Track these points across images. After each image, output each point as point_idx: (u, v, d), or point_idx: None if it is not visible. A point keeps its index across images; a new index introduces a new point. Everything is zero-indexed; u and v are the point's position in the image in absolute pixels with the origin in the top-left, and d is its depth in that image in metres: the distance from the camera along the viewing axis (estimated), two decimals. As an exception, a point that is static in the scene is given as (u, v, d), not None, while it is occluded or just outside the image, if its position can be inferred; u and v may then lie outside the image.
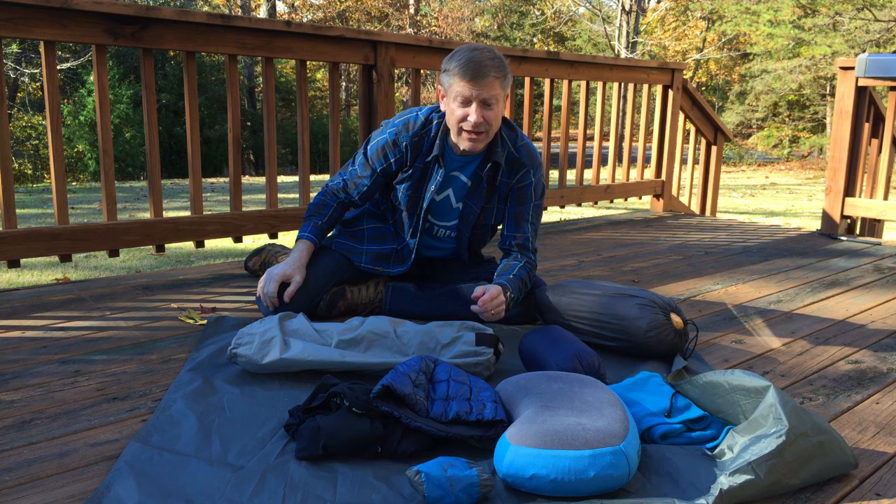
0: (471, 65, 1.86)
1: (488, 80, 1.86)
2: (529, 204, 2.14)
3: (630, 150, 4.44)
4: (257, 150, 18.05)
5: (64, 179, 2.48)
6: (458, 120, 1.92)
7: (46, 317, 2.15)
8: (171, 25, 2.58)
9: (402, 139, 2.05)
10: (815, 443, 1.26)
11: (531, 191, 2.12)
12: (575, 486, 1.18)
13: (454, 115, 1.92)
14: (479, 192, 2.11)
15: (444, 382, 1.49)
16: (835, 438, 1.29)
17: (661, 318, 1.84)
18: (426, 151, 2.06)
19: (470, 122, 1.90)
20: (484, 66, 1.86)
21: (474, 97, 1.88)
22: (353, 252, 2.20)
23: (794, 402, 1.30)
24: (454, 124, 1.94)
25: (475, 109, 1.88)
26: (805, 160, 17.90)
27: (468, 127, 1.91)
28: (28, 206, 6.99)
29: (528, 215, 2.14)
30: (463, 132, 1.94)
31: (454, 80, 1.89)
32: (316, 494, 1.20)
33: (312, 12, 22.84)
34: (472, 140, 1.94)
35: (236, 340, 1.69)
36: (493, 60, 1.88)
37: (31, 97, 15.98)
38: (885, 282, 2.85)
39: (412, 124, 2.06)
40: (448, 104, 1.94)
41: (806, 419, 1.28)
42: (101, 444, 1.37)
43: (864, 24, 13.35)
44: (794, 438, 1.24)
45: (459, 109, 1.91)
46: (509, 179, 2.10)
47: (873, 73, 3.87)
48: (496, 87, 1.88)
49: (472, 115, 1.89)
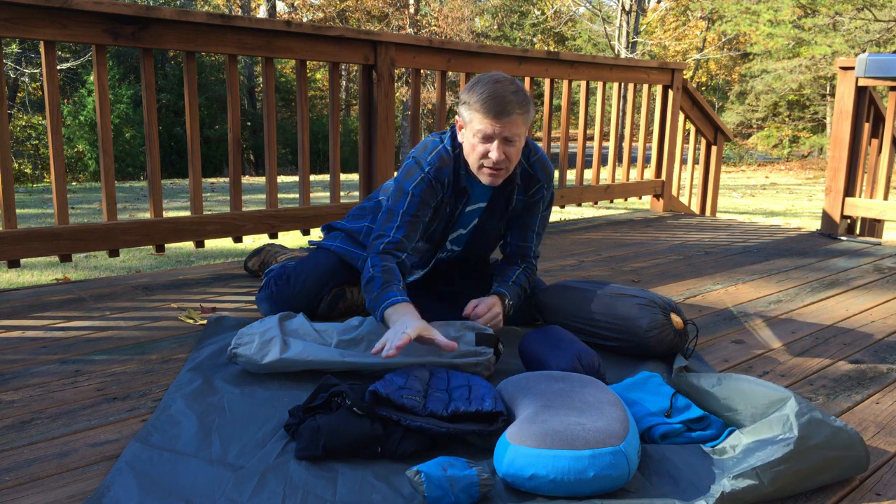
0: (493, 101, 1.76)
1: (511, 117, 1.77)
2: (538, 215, 2.09)
3: (630, 150, 4.44)
4: (257, 150, 18.05)
5: (64, 179, 2.48)
6: (478, 156, 1.84)
7: (46, 317, 2.15)
8: (171, 25, 2.58)
9: (443, 175, 1.91)
10: (830, 457, 1.24)
11: (541, 203, 2.08)
12: (574, 486, 1.18)
13: (475, 150, 1.84)
14: (495, 210, 2.05)
15: (443, 381, 1.49)
16: (855, 455, 1.26)
17: (661, 318, 1.84)
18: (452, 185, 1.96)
19: (491, 160, 1.82)
20: (507, 103, 1.76)
21: (496, 135, 1.79)
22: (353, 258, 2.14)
23: (815, 415, 1.27)
24: (475, 160, 1.85)
25: (497, 147, 1.80)
26: (805, 160, 17.90)
27: (489, 164, 1.83)
28: (28, 206, 6.99)
29: (535, 225, 2.10)
30: (484, 168, 1.85)
31: (475, 116, 1.79)
32: (316, 494, 1.20)
33: (312, 12, 22.84)
34: (492, 176, 1.86)
35: (236, 340, 1.69)
36: (516, 95, 1.79)
37: (31, 97, 15.98)
38: (885, 282, 2.85)
39: (447, 158, 1.91)
40: (468, 138, 1.85)
41: (823, 431, 1.25)
42: (101, 444, 1.37)
43: (864, 24, 13.35)
44: (804, 449, 1.22)
45: (480, 146, 1.82)
46: (525, 196, 2.04)
47: (873, 73, 3.87)
48: (519, 124, 1.80)
49: (493, 152, 1.80)
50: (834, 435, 1.25)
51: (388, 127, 3.23)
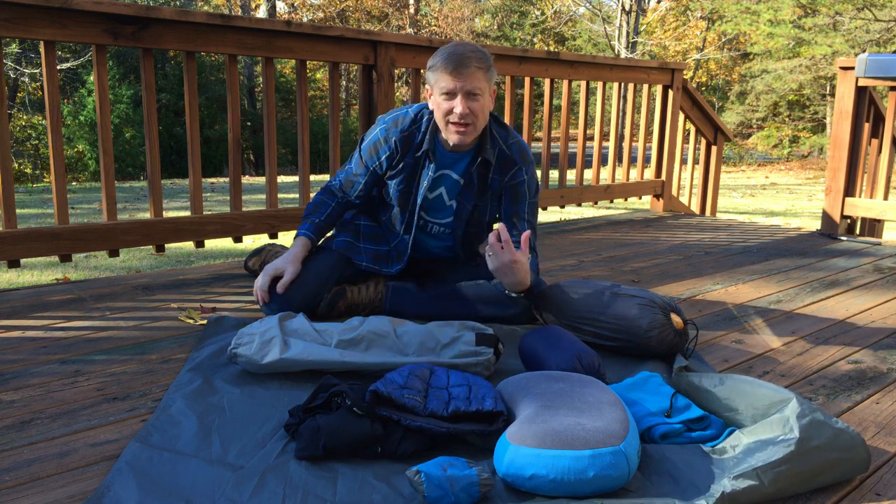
0: (453, 57, 1.90)
1: (470, 69, 1.90)
2: (524, 202, 2.15)
3: (630, 150, 4.44)
4: (257, 150, 18.05)
5: (64, 179, 2.48)
6: (444, 113, 1.95)
7: (46, 317, 2.15)
8: (171, 25, 2.58)
9: (391, 135, 2.09)
10: (831, 458, 1.24)
11: (524, 188, 2.14)
12: (574, 486, 1.18)
13: (440, 108, 1.96)
14: (470, 189, 2.12)
15: (443, 380, 1.49)
16: (857, 457, 1.26)
17: (661, 318, 1.84)
18: (416, 147, 2.09)
19: (456, 114, 1.93)
20: (466, 58, 1.90)
21: (458, 89, 1.91)
22: (353, 251, 2.20)
23: (817, 416, 1.26)
24: (441, 118, 1.97)
25: (460, 101, 1.92)
26: (805, 160, 17.90)
27: (454, 119, 1.94)
28: (28, 206, 6.99)
29: (525, 213, 2.15)
30: (450, 125, 1.97)
31: (438, 75, 1.93)
32: (316, 494, 1.20)
33: (312, 12, 22.84)
34: (459, 133, 1.97)
35: (236, 340, 1.69)
36: (475, 52, 1.92)
37: (31, 97, 15.98)
38: (885, 282, 2.85)
39: (401, 120, 2.09)
40: (435, 99, 1.98)
41: (825, 433, 1.24)
42: (101, 444, 1.37)
43: (865, 24, 13.35)
44: (805, 450, 1.22)
45: (445, 103, 1.94)
46: (501, 177, 2.12)
47: (873, 73, 3.87)
48: (479, 77, 1.92)
49: (457, 106, 1.92)
50: (835, 436, 1.25)
51: (388, 127, 3.23)
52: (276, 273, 2.04)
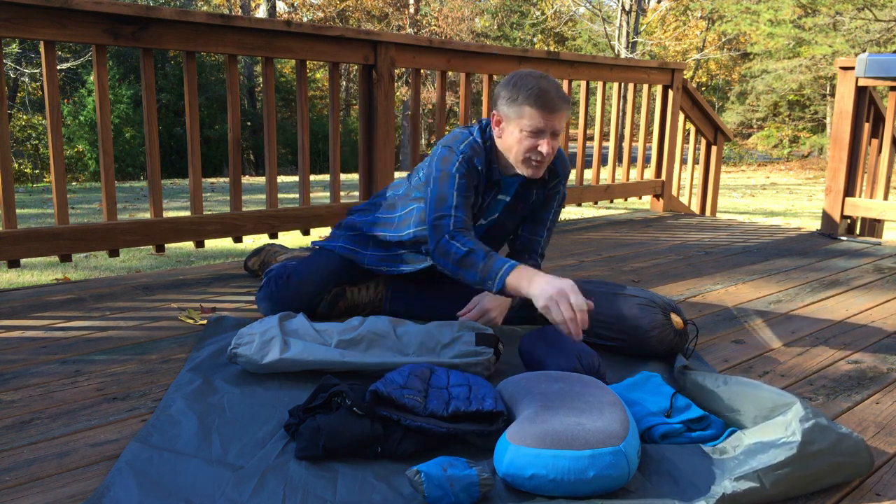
0: (544, 97, 1.82)
1: (562, 112, 1.85)
2: (551, 210, 2.14)
3: (630, 150, 4.44)
4: (257, 150, 18.06)
5: (64, 179, 2.48)
6: (525, 150, 1.87)
7: (46, 317, 2.15)
8: (171, 25, 2.58)
9: (476, 163, 1.94)
10: (834, 463, 1.23)
11: (558, 198, 2.13)
12: (574, 486, 1.18)
13: (521, 144, 1.87)
14: (516, 207, 2.09)
15: (443, 380, 1.49)
16: (860, 462, 1.26)
17: (661, 318, 1.84)
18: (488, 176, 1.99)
19: (541, 154, 1.86)
20: (557, 99, 1.83)
21: (547, 128, 1.84)
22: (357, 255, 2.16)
23: (821, 421, 1.26)
24: (520, 153, 1.88)
25: (546, 141, 1.85)
26: (805, 160, 17.90)
27: (538, 157, 1.88)
28: (28, 206, 6.99)
29: (548, 220, 2.15)
30: (529, 161, 1.89)
31: (524, 111, 1.83)
32: (316, 494, 1.20)
33: (312, 12, 22.84)
34: (536, 169, 1.91)
35: (236, 340, 1.69)
36: (561, 91, 1.87)
37: (31, 97, 15.98)
38: (885, 282, 2.85)
39: (478, 149, 1.94)
40: (512, 132, 1.88)
41: (828, 437, 1.24)
42: (101, 444, 1.37)
43: (865, 24, 13.35)
44: (807, 454, 1.21)
45: (528, 140, 1.86)
46: (544, 189, 2.09)
47: (873, 72, 3.87)
48: (564, 118, 1.88)
49: (543, 146, 1.85)
50: (839, 441, 1.24)
51: (388, 127, 3.23)
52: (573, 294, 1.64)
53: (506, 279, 1.70)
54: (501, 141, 1.92)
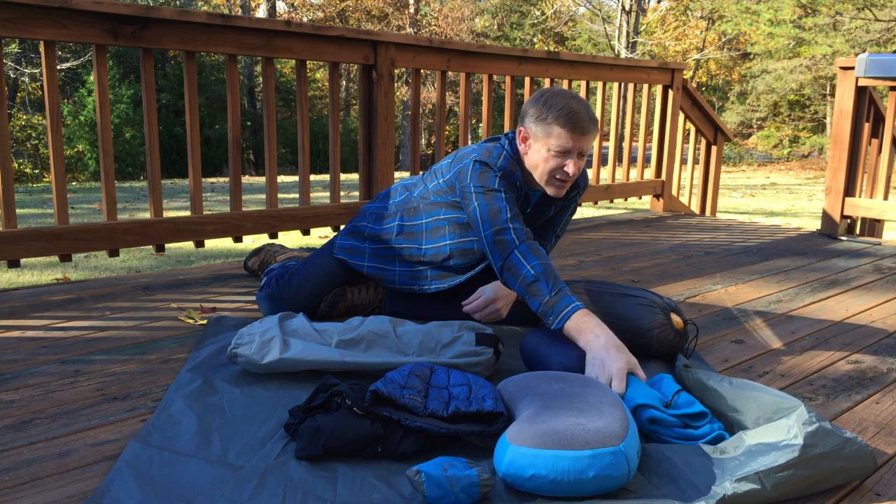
0: (574, 118, 1.82)
1: (591, 134, 1.85)
2: (563, 218, 2.16)
3: (630, 150, 4.44)
4: (257, 150, 18.06)
5: (64, 179, 2.48)
6: (552, 169, 1.88)
7: (46, 317, 2.15)
8: (171, 25, 2.58)
9: (514, 179, 1.93)
10: (836, 467, 1.23)
11: (570, 207, 2.15)
12: (574, 486, 1.18)
13: (547, 163, 1.87)
14: (535, 221, 2.10)
15: (443, 380, 1.49)
16: (863, 466, 1.26)
17: (661, 318, 1.84)
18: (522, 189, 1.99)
19: (567, 174, 1.87)
20: (587, 120, 1.84)
21: (575, 149, 1.85)
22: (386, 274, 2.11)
23: (825, 425, 1.25)
24: (546, 171, 1.89)
25: (573, 161, 1.86)
26: (805, 160, 17.91)
27: (564, 177, 1.88)
28: (28, 206, 6.99)
29: (557, 228, 2.17)
30: (555, 180, 1.90)
31: (553, 130, 1.83)
32: (316, 494, 1.20)
33: (312, 12, 22.84)
34: (560, 188, 1.92)
35: (236, 340, 1.69)
36: (590, 112, 1.87)
37: (31, 97, 15.98)
38: (885, 282, 2.85)
39: (514, 164, 1.93)
40: (538, 150, 1.88)
41: (831, 441, 1.23)
42: (101, 444, 1.37)
43: (865, 24, 13.35)
44: (810, 457, 1.21)
45: (555, 159, 1.86)
46: (563, 201, 2.11)
47: (873, 72, 3.87)
48: (593, 139, 1.88)
49: (569, 167, 1.86)
50: (842, 445, 1.24)
51: (388, 127, 3.23)
52: None
53: (566, 323, 1.68)
54: (527, 158, 1.92)
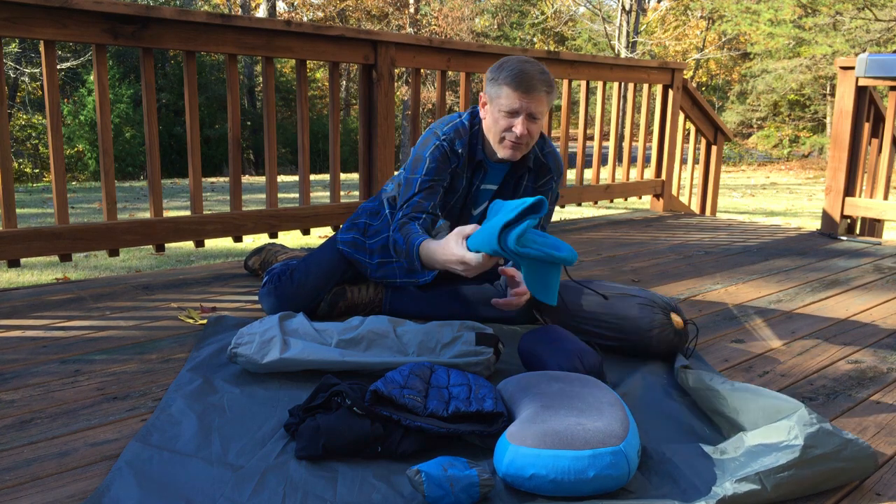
0: (522, 77, 1.84)
1: (538, 93, 1.85)
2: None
3: (630, 150, 4.44)
4: (257, 150, 18.05)
5: (64, 179, 2.48)
6: (502, 129, 1.90)
7: (46, 316, 2.15)
8: (171, 25, 2.58)
9: (456, 146, 1.98)
10: (837, 468, 1.23)
11: (551, 196, 2.14)
12: (574, 486, 1.18)
13: (498, 124, 1.90)
14: (501, 196, 2.09)
15: (443, 379, 1.49)
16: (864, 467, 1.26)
17: (661, 317, 1.84)
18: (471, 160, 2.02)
19: (515, 134, 1.88)
20: (535, 80, 1.85)
21: (522, 109, 1.86)
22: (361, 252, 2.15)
23: (825, 427, 1.25)
24: (497, 133, 1.91)
25: (521, 122, 1.86)
26: (805, 160, 17.90)
27: (512, 138, 1.89)
28: (28, 206, 6.99)
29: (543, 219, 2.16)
30: (505, 142, 1.91)
31: (503, 90, 1.86)
32: (316, 494, 1.20)
33: (312, 12, 22.83)
34: (511, 149, 1.92)
35: (236, 340, 1.69)
36: (543, 75, 1.88)
37: (31, 97, 15.98)
38: (885, 282, 2.85)
39: (462, 131, 1.99)
40: (492, 113, 1.91)
41: (832, 442, 1.23)
42: (101, 443, 1.37)
43: (865, 24, 13.35)
44: (810, 458, 1.21)
45: (504, 120, 1.88)
46: (534, 184, 2.10)
47: (873, 72, 3.87)
48: (543, 102, 1.88)
49: (517, 126, 1.87)
50: (843, 446, 1.24)
51: (388, 126, 3.23)
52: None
53: (420, 257, 1.77)
54: (485, 123, 1.96)
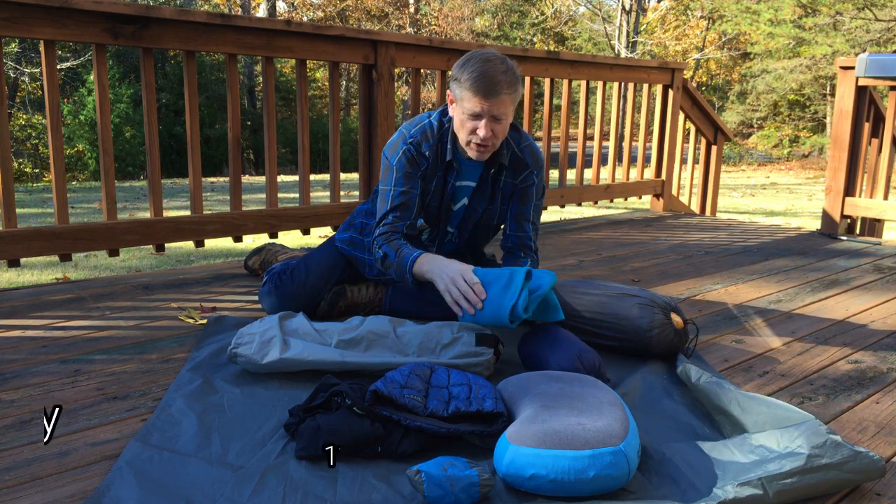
0: (483, 80, 1.82)
1: (500, 97, 1.84)
2: (531, 204, 2.14)
3: (630, 150, 4.44)
4: (257, 150, 18.04)
5: (64, 179, 2.48)
6: (467, 132, 1.91)
7: (46, 316, 2.15)
8: (171, 25, 2.58)
9: (424, 148, 1.99)
10: (843, 478, 1.22)
11: (533, 191, 2.13)
12: (574, 486, 1.18)
13: (464, 126, 1.91)
14: (482, 192, 2.10)
15: (443, 379, 1.49)
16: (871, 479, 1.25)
17: (661, 317, 1.83)
18: (442, 159, 2.03)
19: (479, 136, 1.89)
20: (497, 83, 1.82)
21: (485, 112, 1.85)
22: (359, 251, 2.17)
23: (834, 438, 1.24)
24: (464, 135, 1.92)
25: (484, 125, 1.86)
26: (805, 160, 17.90)
27: (477, 140, 1.90)
28: (28, 206, 6.99)
29: (530, 215, 2.15)
30: (472, 143, 1.93)
31: (465, 94, 1.86)
32: (316, 494, 1.20)
33: (312, 11, 22.83)
34: (479, 151, 1.94)
35: (236, 340, 1.69)
36: (505, 75, 1.84)
37: (31, 97, 15.98)
38: (885, 282, 2.85)
39: (430, 132, 2.00)
40: (457, 114, 1.92)
41: (841, 454, 1.22)
42: (101, 443, 1.37)
43: (865, 24, 13.35)
44: (814, 467, 1.20)
45: (469, 122, 1.89)
46: (513, 180, 2.10)
47: (873, 72, 3.87)
48: (507, 102, 1.87)
49: (481, 129, 1.87)
50: (852, 458, 1.23)
51: (388, 126, 3.23)
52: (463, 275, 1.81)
53: (413, 269, 1.89)
54: (454, 121, 1.96)
